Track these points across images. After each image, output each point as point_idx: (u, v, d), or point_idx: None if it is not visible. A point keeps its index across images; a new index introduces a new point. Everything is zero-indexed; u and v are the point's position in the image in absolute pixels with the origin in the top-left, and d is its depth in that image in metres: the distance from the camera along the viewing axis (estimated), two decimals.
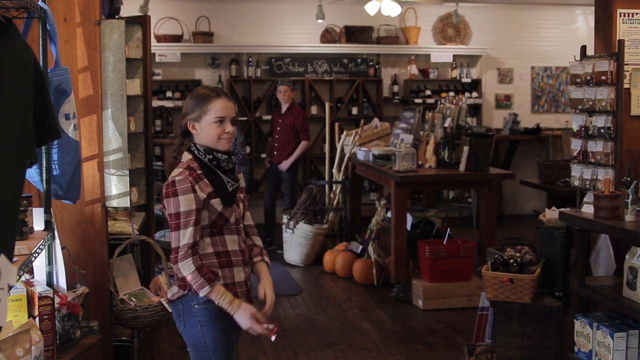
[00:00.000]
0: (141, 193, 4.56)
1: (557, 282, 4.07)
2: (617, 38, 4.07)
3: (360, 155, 7.14)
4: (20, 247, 2.74)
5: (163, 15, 9.04)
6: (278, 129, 7.93)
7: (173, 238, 2.71)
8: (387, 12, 7.99)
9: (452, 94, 9.55)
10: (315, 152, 9.38)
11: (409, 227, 6.18)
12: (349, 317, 5.63)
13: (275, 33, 9.43)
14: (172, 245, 2.73)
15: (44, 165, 3.12)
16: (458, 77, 9.82)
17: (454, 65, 9.79)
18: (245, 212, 2.99)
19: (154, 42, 8.60)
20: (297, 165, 8.11)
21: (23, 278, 3.11)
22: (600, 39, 4.27)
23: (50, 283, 3.20)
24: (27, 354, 2.81)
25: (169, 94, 9.00)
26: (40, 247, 2.93)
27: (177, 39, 9.07)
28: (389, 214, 6.45)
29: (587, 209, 3.77)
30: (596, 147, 4.15)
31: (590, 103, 4.18)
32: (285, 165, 7.85)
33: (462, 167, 6.24)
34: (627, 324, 3.52)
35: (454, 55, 9.77)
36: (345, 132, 7.81)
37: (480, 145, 6.18)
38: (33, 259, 2.83)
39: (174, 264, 2.72)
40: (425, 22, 9.78)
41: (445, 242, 5.83)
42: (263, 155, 8.63)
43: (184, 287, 2.80)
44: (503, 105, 10.11)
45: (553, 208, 4.31)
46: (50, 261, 3.22)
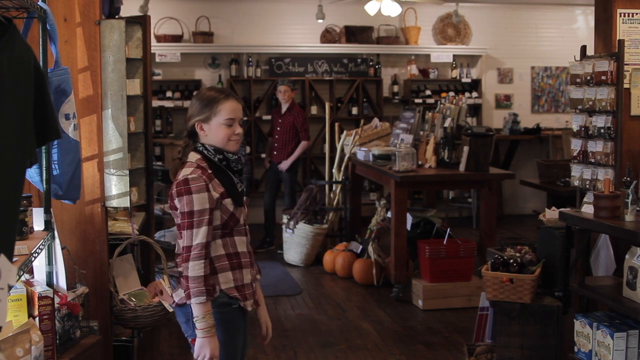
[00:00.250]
0: (141, 193, 4.56)
1: (557, 282, 4.07)
2: (617, 38, 4.07)
3: (360, 155, 7.14)
4: (20, 247, 2.74)
5: (163, 15, 9.04)
6: (278, 129, 7.93)
7: (185, 236, 2.65)
8: (387, 12, 7.99)
9: (452, 94, 9.55)
10: (315, 152, 9.38)
11: (409, 227, 6.18)
12: (349, 317, 5.63)
13: (275, 33, 9.43)
14: (182, 244, 2.67)
15: (44, 165, 3.12)
16: (458, 77, 9.82)
17: (454, 65, 9.79)
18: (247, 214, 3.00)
19: (154, 42, 8.61)
20: (297, 165, 8.11)
21: (23, 278, 3.11)
22: (600, 39, 4.27)
23: (50, 283, 3.20)
24: (27, 354, 2.81)
25: (169, 94, 9.00)
26: (40, 247, 2.93)
27: (177, 39, 9.07)
28: (389, 214, 6.45)
29: (587, 209, 3.77)
30: (596, 147, 4.15)
31: (590, 103, 4.18)
32: (285, 165, 7.85)
33: (462, 167, 6.24)
34: (627, 324, 3.52)
35: (454, 55, 9.77)
36: (345, 132, 7.81)
37: (480, 145, 6.18)
38: (33, 259, 2.83)
39: (184, 262, 2.65)
40: (425, 22, 9.78)
41: (445, 242, 5.83)
42: (263, 155, 8.63)
43: None
44: (503, 105, 10.11)
45: (553, 208, 4.31)
46: (50, 261, 3.22)
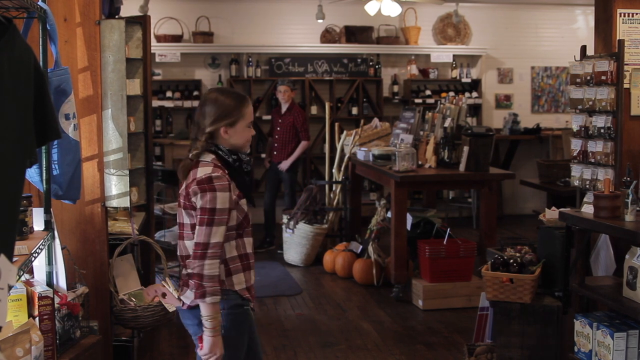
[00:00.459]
0: (141, 193, 4.56)
1: (557, 282, 4.08)
2: (617, 38, 4.07)
3: (360, 155, 7.14)
4: (20, 247, 2.74)
5: (163, 15, 9.04)
6: (278, 129, 7.93)
7: (202, 233, 2.62)
8: (387, 12, 7.99)
9: (452, 94, 9.55)
10: (315, 152, 9.38)
11: (409, 227, 6.18)
12: (349, 317, 5.63)
13: (275, 33, 9.43)
14: (196, 239, 2.64)
15: (44, 165, 3.12)
16: (458, 77, 9.82)
17: (454, 65, 9.79)
18: None
19: (154, 42, 8.61)
20: (297, 165, 8.11)
21: (23, 278, 3.11)
22: (600, 39, 4.27)
23: (50, 283, 3.20)
24: (27, 354, 2.81)
25: (169, 94, 9.00)
26: (40, 247, 2.93)
27: (177, 39, 9.07)
28: (389, 214, 6.45)
29: (587, 209, 3.77)
30: (596, 147, 4.15)
31: (590, 103, 4.18)
32: (285, 165, 7.85)
33: (462, 167, 6.24)
34: (627, 324, 3.52)
35: (454, 55, 9.77)
36: (345, 132, 7.81)
37: (480, 145, 6.18)
38: (33, 259, 2.83)
39: (199, 259, 2.61)
40: (425, 22, 9.78)
41: (445, 242, 5.83)
42: (263, 155, 8.63)
43: None
44: (503, 105, 10.11)
45: (553, 208, 4.31)
46: (50, 261, 3.22)
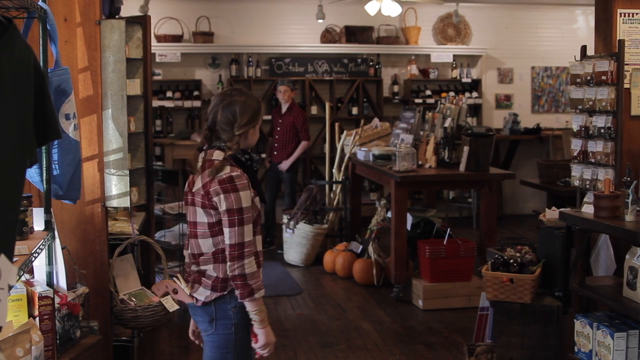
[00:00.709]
0: (141, 193, 4.56)
1: (557, 282, 4.08)
2: (618, 38, 4.07)
3: (361, 155, 7.14)
4: (20, 247, 2.74)
5: (163, 15, 9.04)
6: (278, 129, 7.93)
7: (235, 234, 2.64)
8: (387, 12, 7.99)
9: (452, 94, 9.55)
10: (316, 152, 9.38)
11: (409, 227, 6.18)
12: (349, 317, 5.63)
13: (275, 33, 9.43)
14: (229, 241, 2.65)
15: (44, 165, 3.12)
16: (458, 77, 9.82)
17: (454, 65, 9.79)
18: None
19: (154, 42, 8.61)
20: (297, 165, 8.11)
21: (23, 278, 3.11)
22: (600, 39, 4.27)
23: (50, 283, 3.20)
24: (27, 354, 2.81)
25: (169, 94, 9.00)
26: (41, 247, 2.93)
27: (177, 39, 9.07)
28: (389, 214, 6.45)
29: (587, 209, 3.77)
30: (596, 147, 4.15)
31: (591, 103, 4.18)
32: (285, 165, 7.85)
33: (462, 167, 6.23)
34: (627, 324, 3.52)
35: (454, 55, 9.77)
36: (345, 132, 7.81)
37: (480, 145, 6.18)
38: (33, 259, 2.83)
39: (237, 261, 2.64)
40: (425, 22, 9.78)
41: (445, 242, 5.83)
42: (263, 155, 8.63)
43: (223, 288, 2.75)
44: (503, 105, 10.11)
45: (553, 208, 4.31)
46: (50, 261, 3.22)
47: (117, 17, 4.67)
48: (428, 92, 9.70)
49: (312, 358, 4.77)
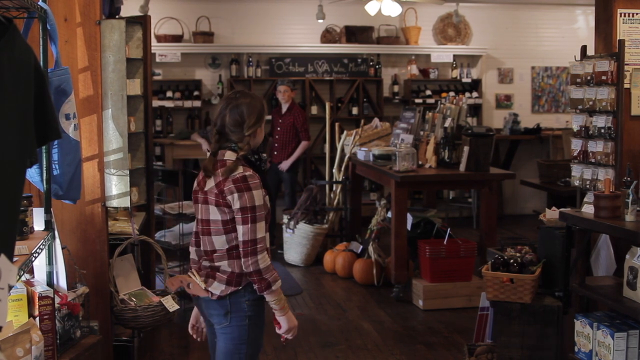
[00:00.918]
0: (141, 193, 4.56)
1: (557, 282, 4.08)
2: (618, 38, 4.07)
3: (361, 155, 7.14)
4: (20, 247, 2.74)
5: (163, 15, 9.05)
6: (278, 129, 7.92)
7: (248, 231, 2.76)
8: (388, 12, 7.99)
9: (452, 94, 9.55)
10: (316, 152, 9.38)
11: (409, 227, 6.18)
12: (349, 317, 5.63)
13: (275, 33, 9.43)
14: (243, 238, 2.77)
15: (44, 165, 3.12)
16: (458, 77, 9.82)
17: (454, 65, 9.79)
18: None
19: (154, 42, 8.61)
20: (298, 165, 8.11)
21: (23, 278, 3.11)
22: (600, 39, 4.27)
23: (50, 283, 3.20)
24: (27, 354, 2.81)
25: (169, 94, 9.00)
26: (41, 247, 2.93)
27: (177, 39, 9.07)
28: (389, 214, 6.45)
29: (588, 209, 3.77)
30: (596, 147, 4.15)
31: (591, 103, 4.18)
32: (285, 165, 7.85)
33: (462, 167, 6.24)
34: (628, 324, 3.52)
35: (454, 55, 9.77)
36: (345, 132, 7.81)
37: (480, 145, 6.18)
38: (33, 258, 2.83)
39: (251, 256, 2.76)
40: (425, 22, 9.78)
41: (445, 242, 5.83)
42: (264, 155, 8.62)
43: (238, 282, 2.86)
44: (503, 105, 10.11)
45: (553, 208, 4.32)
46: (50, 261, 3.22)
47: (117, 17, 4.67)
48: (428, 92, 9.70)
49: (312, 358, 4.77)
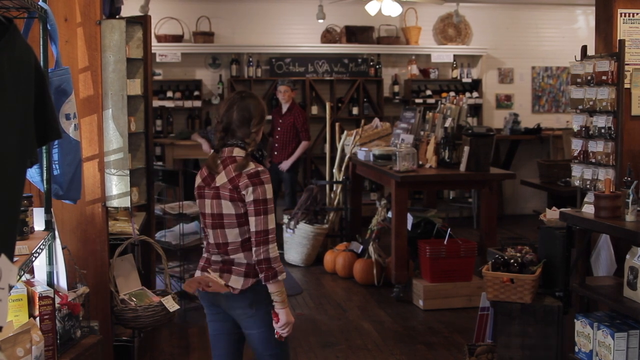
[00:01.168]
0: (142, 193, 4.56)
1: (557, 282, 4.08)
2: (618, 38, 4.07)
3: (361, 155, 7.14)
4: (20, 247, 2.74)
5: (163, 15, 9.04)
6: (278, 129, 7.92)
7: (261, 222, 2.89)
8: (388, 12, 7.99)
9: (452, 94, 9.55)
10: (316, 152, 9.38)
11: (409, 227, 6.17)
12: (350, 317, 5.63)
13: (275, 33, 9.43)
14: (256, 229, 2.89)
15: (45, 165, 3.12)
16: (458, 77, 9.82)
17: (455, 65, 9.79)
18: None
19: (154, 42, 8.60)
20: (298, 165, 8.11)
21: (23, 278, 3.11)
22: (600, 39, 4.27)
23: (50, 283, 3.20)
24: (28, 353, 2.81)
25: (169, 94, 9.00)
26: (41, 247, 2.93)
27: (177, 39, 9.07)
28: (389, 214, 6.45)
29: (588, 209, 3.77)
30: (597, 147, 4.15)
31: (591, 103, 4.18)
32: (285, 165, 7.85)
33: (462, 167, 6.23)
34: (628, 324, 3.52)
35: (454, 55, 9.77)
36: (345, 132, 7.81)
37: (480, 145, 6.18)
38: (33, 258, 2.83)
39: (262, 246, 2.89)
40: (425, 22, 9.78)
41: (445, 242, 5.83)
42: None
43: (255, 273, 2.97)
44: (503, 105, 10.11)
45: (553, 208, 4.31)
46: (50, 261, 3.22)
47: (117, 17, 4.67)
48: (428, 92, 9.70)
49: (313, 358, 4.77)
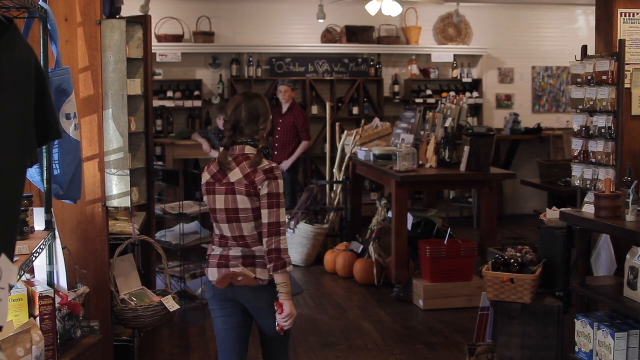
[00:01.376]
0: (142, 193, 4.56)
1: (558, 282, 4.07)
2: (618, 38, 4.06)
3: (361, 155, 7.14)
4: (21, 247, 2.74)
5: (164, 15, 9.05)
6: (279, 129, 7.92)
7: (274, 214, 3.03)
8: (388, 12, 7.99)
9: (453, 94, 9.55)
10: (316, 152, 9.38)
11: (409, 227, 6.17)
12: (350, 317, 5.63)
13: (276, 33, 9.43)
14: (269, 220, 3.02)
15: (45, 165, 3.12)
16: (459, 77, 9.82)
17: (455, 65, 9.79)
18: None
19: (154, 42, 8.60)
20: (298, 165, 8.11)
21: (24, 278, 3.11)
22: (601, 39, 4.27)
23: (51, 283, 3.20)
24: (28, 353, 2.81)
25: (169, 94, 9.00)
26: (41, 247, 2.93)
27: (178, 39, 9.07)
28: (389, 214, 6.45)
29: (588, 209, 3.76)
30: (597, 147, 4.15)
31: (591, 103, 4.18)
32: (286, 165, 7.85)
33: (463, 167, 6.23)
34: (628, 324, 3.52)
35: (454, 55, 9.77)
36: (346, 132, 7.81)
37: (481, 145, 6.18)
38: (34, 258, 2.83)
39: (275, 237, 3.02)
40: (426, 22, 9.78)
41: (446, 242, 5.83)
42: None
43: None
44: (504, 105, 10.11)
45: (554, 208, 4.31)
46: (51, 261, 3.22)
47: (117, 17, 4.68)
48: (429, 92, 9.70)
49: (313, 358, 4.77)
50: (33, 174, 3.16)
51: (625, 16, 4.11)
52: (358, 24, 9.53)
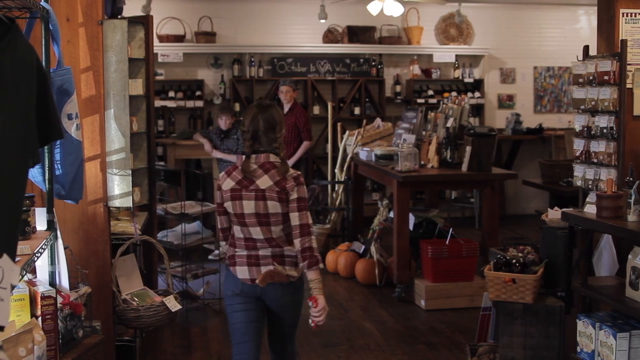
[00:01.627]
0: (143, 193, 4.56)
1: (559, 282, 4.07)
2: (620, 38, 4.06)
3: (363, 155, 7.14)
4: (22, 247, 2.74)
5: (165, 15, 9.05)
6: None
7: (305, 216, 3.25)
8: (390, 12, 7.99)
9: (454, 94, 9.54)
10: (318, 152, 9.38)
11: (411, 227, 6.17)
12: (351, 317, 5.63)
13: (277, 33, 9.43)
14: (300, 222, 3.24)
15: (47, 165, 3.12)
16: (460, 77, 9.82)
17: (457, 65, 9.79)
18: None
19: (156, 42, 8.60)
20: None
21: (26, 278, 3.11)
22: (602, 39, 4.27)
23: (52, 283, 3.21)
24: (30, 353, 2.81)
25: (171, 94, 9.01)
26: (43, 246, 2.94)
27: (179, 39, 9.08)
28: (391, 214, 6.45)
29: (590, 209, 3.76)
30: (599, 147, 4.15)
31: (593, 103, 4.17)
32: None
33: (464, 167, 6.23)
34: (630, 324, 3.52)
35: (456, 55, 9.76)
36: (347, 132, 7.81)
37: (482, 145, 6.18)
38: (36, 258, 2.83)
39: (307, 236, 3.24)
40: (427, 22, 9.78)
41: (447, 242, 5.83)
42: None
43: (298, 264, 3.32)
44: (505, 105, 10.11)
45: (555, 208, 4.31)
46: (52, 261, 3.22)
47: (119, 17, 4.68)
48: (430, 92, 9.70)
49: (315, 358, 4.77)
50: (35, 174, 3.16)
51: (627, 16, 4.10)
52: (359, 24, 9.52)
